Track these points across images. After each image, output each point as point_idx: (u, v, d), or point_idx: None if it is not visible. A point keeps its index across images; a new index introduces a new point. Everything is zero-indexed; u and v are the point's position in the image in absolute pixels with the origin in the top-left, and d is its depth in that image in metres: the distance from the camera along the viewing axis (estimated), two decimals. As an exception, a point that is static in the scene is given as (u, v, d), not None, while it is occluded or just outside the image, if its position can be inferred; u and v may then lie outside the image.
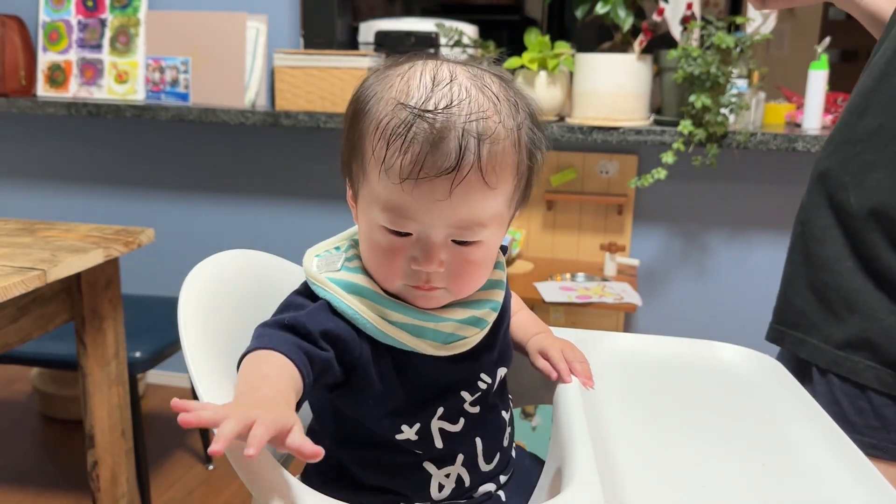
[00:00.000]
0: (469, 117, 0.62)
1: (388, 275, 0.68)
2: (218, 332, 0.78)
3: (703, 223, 2.09)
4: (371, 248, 0.68)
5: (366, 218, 0.68)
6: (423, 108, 0.62)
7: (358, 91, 0.68)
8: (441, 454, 0.74)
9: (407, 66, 0.66)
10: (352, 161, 0.68)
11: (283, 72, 2.04)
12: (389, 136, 0.62)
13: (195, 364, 0.70)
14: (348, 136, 0.68)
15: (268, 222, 2.34)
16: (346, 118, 0.69)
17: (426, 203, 0.63)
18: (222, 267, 0.86)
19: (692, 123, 1.79)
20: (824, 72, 1.85)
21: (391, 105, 0.63)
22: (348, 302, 0.68)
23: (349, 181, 0.71)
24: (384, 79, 0.66)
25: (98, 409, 1.38)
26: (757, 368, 0.95)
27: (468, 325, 0.72)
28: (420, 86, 0.63)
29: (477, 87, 0.64)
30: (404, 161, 0.61)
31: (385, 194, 0.64)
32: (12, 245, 1.24)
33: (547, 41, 1.95)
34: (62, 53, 2.28)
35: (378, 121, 0.63)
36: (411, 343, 0.69)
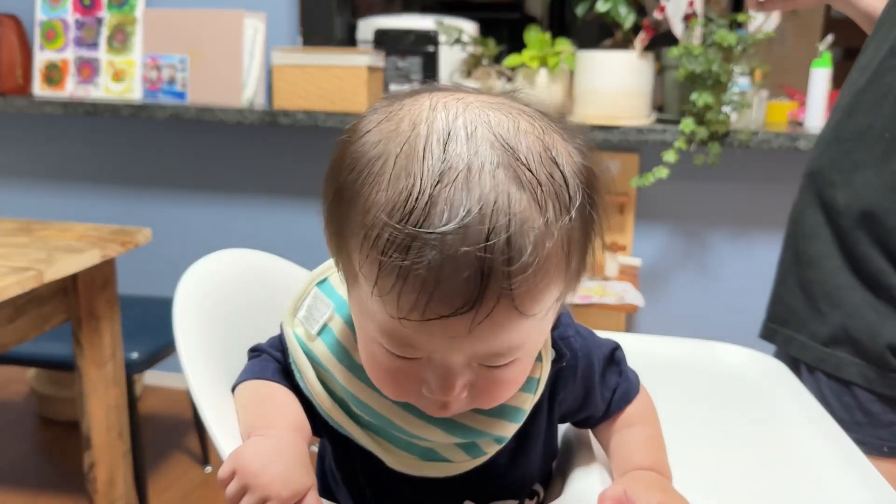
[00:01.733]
0: (494, 232, 0.42)
1: (396, 396, 0.52)
2: (214, 333, 0.77)
3: (705, 222, 2.08)
4: (368, 359, 0.51)
5: (358, 323, 0.52)
6: (426, 227, 0.42)
7: (349, 148, 0.49)
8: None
9: (408, 124, 0.46)
10: (335, 243, 0.52)
11: (282, 70, 2.03)
12: (382, 254, 0.43)
13: (191, 365, 0.69)
14: (331, 209, 0.51)
15: (265, 222, 2.33)
16: (330, 183, 0.52)
17: (437, 339, 0.46)
18: (219, 266, 0.85)
19: (694, 122, 1.78)
20: (827, 70, 1.84)
21: (386, 206, 0.44)
22: (310, 385, 0.57)
23: (333, 253, 0.54)
24: (382, 140, 0.47)
25: (95, 411, 1.36)
26: (759, 369, 0.94)
27: (459, 448, 0.57)
28: (424, 169, 0.43)
29: (506, 164, 0.44)
30: (403, 294, 0.43)
31: (381, 318, 0.46)
32: (8, 245, 1.23)
33: (547, 39, 1.93)
34: (59, 52, 2.27)
35: (370, 224, 0.45)
36: (374, 449, 0.56)
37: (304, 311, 0.60)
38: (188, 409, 2.29)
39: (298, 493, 0.51)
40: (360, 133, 0.49)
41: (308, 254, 2.55)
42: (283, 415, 0.57)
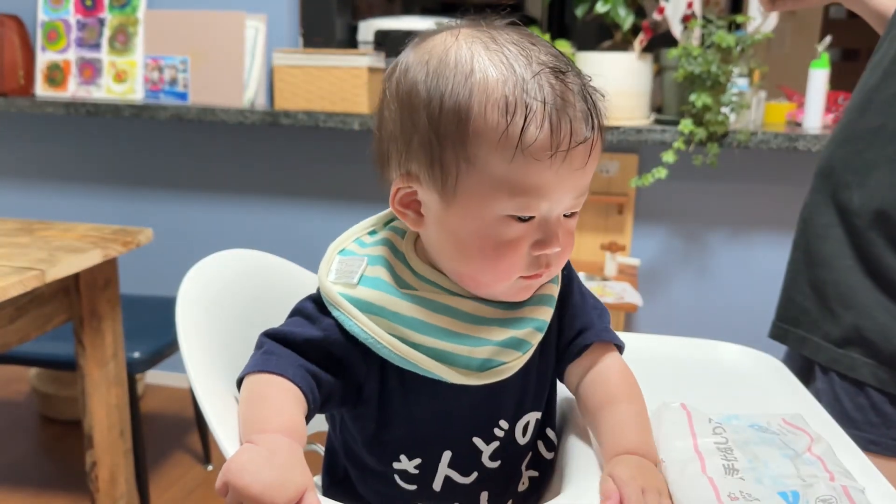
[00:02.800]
0: (575, 74, 0.58)
1: (506, 272, 0.60)
2: (216, 332, 0.77)
3: (703, 222, 2.09)
4: (482, 246, 0.59)
5: (472, 214, 0.59)
6: (544, 72, 0.56)
7: (411, 74, 0.59)
8: (437, 497, 0.67)
9: (456, 39, 0.59)
10: (434, 153, 0.58)
11: (282, 71, 2.03)
12: (525, 112, 0.55)
13: (193, 364, 0.70)
14: (420, 127, 0.58)
15: (267, 222, 2.33)
16: (406, 108, 0.59)
17: (566, 175, 0.57)
18: (221, 267, 0.85)
19: (693, 122, 1.78)
20: (825, 70, 1.84)
21: (500, 79, 0.56)
22: (363, 325, 0.62)
23: (414, 178, 0.61)
24: (456, 48, 0.58)
25: (97, 410, 1.37)
26: (758, 368, 0.94)
27: (508, 347, 0.63)
28: (506, 52, 0.57)
29: (543, 44, 0.60)
30: (549, 136, 0.55)
31: (518, 176, 0.56)
32: (10, 245, 1.24)
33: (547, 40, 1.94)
34: (61, 53, 2.28)
35: (495, 98, 0.55)
36: (435, 369, 0.61)
37: (334, 275, 0.65)
38: (189, 408, 2.30)
39: (294, 497, 0.51)
40: (419, 70, 0.59)
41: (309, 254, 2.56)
42: (276, 417, 0.57)
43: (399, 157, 0.61)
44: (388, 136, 0.62)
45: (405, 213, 0.63)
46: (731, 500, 0.58)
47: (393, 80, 0.62)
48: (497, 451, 0.67)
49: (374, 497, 0.70)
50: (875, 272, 0.95)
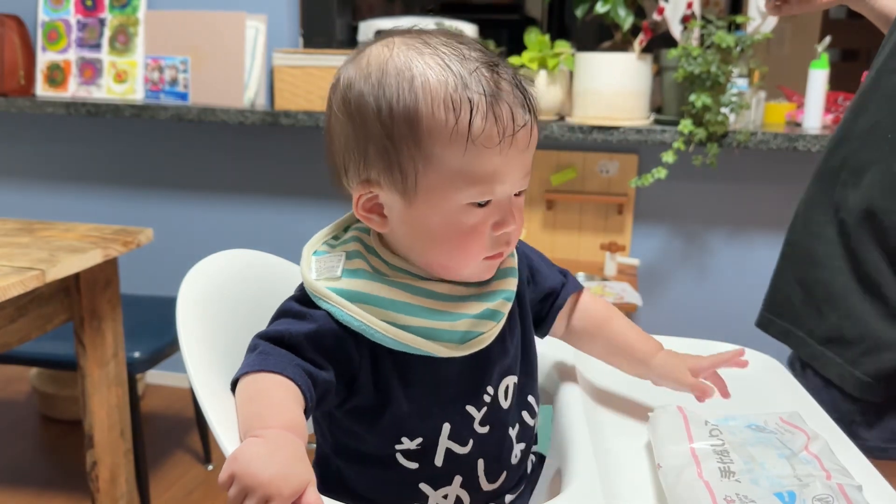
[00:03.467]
0: (505, 66, 0.64)
1: (473, 255, 0.66)
2: (217, 332, 0.77)
3: (703, 223, 2.09)
4: (449, 235, 0.64)
5: (435, 207, 0.63)
6: (479, 68, 0.62)
7: (356, 88, 0.63)
8: (438, 473, 0.70)
9: (391, 49, 0.64)
10: (391, 158, 0.63)
11: (283, 71, 2.04)
12: (470, 106, 0.60)
13: (194, 364, 0.70)
14: (374, 136, 0.63)
15: (267, 222, 2.34)
16: (356, 120, 0.64)
17: (513, 157, 0.63)
18: (221, 267, 0.85)
19: (692, 123, 1.78)
20: (825, 71, 1.85)
21: (441, 79, 0.61)
22: (354, 314, 0.65)
23: (374, 184, 0.65)
24: (391, 57, 0.63)
25: (97, 410, 1.37)
26: (757, 368, 0.94)
27: (484, 319, 0.69)
28: (440, 54, 0.62)
29: (470, 42, 0.66)
30: (494, 124, 0.61)
31: (472, 166, 0.62)
32: (11, 245, 1.24)
33: (547, 40, 1.94)
34: (61, 53, 2.28)
35: (440, 97, 0.60)
36: (425, 346, 0.66)
37: (315, 273, 0.68)
38: (190, 408, 2.30)
39: (298, 489, 0.52)
40: (359, 78, 0.64)
41: (309, 254, 2.51)
42: (279, 413, 0.58)
43: (357, 166, 0.65)
44: (342, 149, 0.67)
45: (370, 217, 0.67)
46: (727, 503, 0.59)
47: (338, 94, 0.66)
48: (485, 416, 0.71)
49: (373, 488, 0.71)
50: (860, 272, 0.96)
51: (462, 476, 0.71)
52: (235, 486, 0.52)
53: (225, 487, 0.53)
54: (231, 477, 0.52)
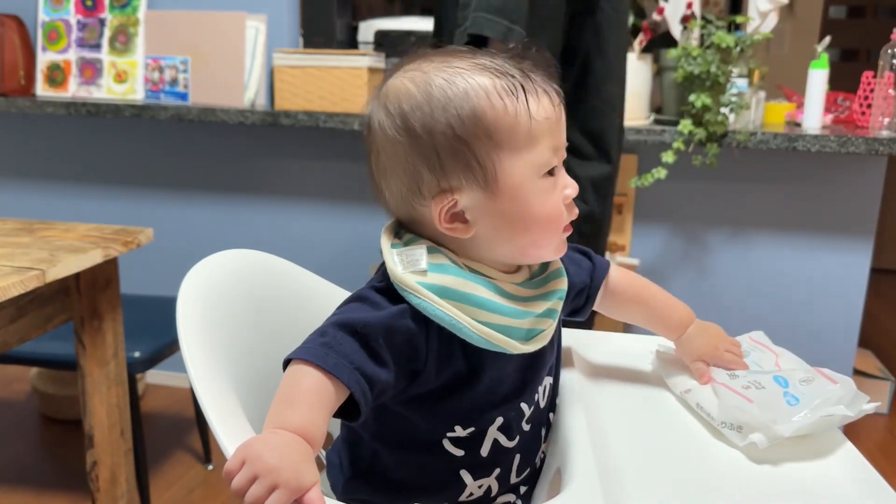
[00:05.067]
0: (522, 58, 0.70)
1: (555, 227, 0.71)
2: (217, 332, 0.78)
3: (703, 223, 2.09)
4: (535, 212, 0.69)
5: (518, 189, 0.68)
6: (507, 61, 0.69)
7: (414, 113, 0.67)
8: (481, 463, 0.73)
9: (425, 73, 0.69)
10: (467, 156, 0.67)
11: (283, 71, 2.04)
12: (518, 88, 0.67)
13: (194, 364, 0.70)
14: (445, 145, 0.67)
15: (267, 222, 2.34)
16: (422, 141, 0.67)
17: (557, 128, 0.70)
18: (221, 267, 0.86)
19: (692, 123, 1.78)
20: (824, 71, 1.85)
21: (479, 76, 0.67)
22: (445, 309, 0.66)
23: (454, 190, 0.68)
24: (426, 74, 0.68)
25: (97, 409, 1.37)
26: (757, 368, 0.94)
27: (544, 317, 0.73)
28: (466, 60, 0.69)
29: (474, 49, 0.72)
30: (545, 97, 0.68)
31: (538, 136, 0.68)
32: (11, 245, 1.24)
33: (547, 40, 1.94)
34: (61, 53, 2.28)
35: (490, 90, 0.67)
36: (502, 343, 0.69)
37: (401, 266, 0.69)
38: (190, 408, 2.30)
39: (305, 486, 0.54)
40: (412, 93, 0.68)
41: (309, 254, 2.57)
42: (302, 417, 0.59)
43: (432, 180, 0.68)
44: (409, 172, 0.69)
45: (453, 227, 0.69)
46: (745, 388, 0.78)
47: (389, 128, 0.69)
48: (531, 414, 0.75)
49: (413, 474, 0.73)
50: None
51: (501, 469, 0.74)
52: (245, 469, 0.53)
53: (233, 474, 0.54)
54: (241, 462, 0.54)
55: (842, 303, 2.04)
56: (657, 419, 0.81)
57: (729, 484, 0.69)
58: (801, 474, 0.71)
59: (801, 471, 0.71)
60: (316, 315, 0.95)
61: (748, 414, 0.74)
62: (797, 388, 0.78)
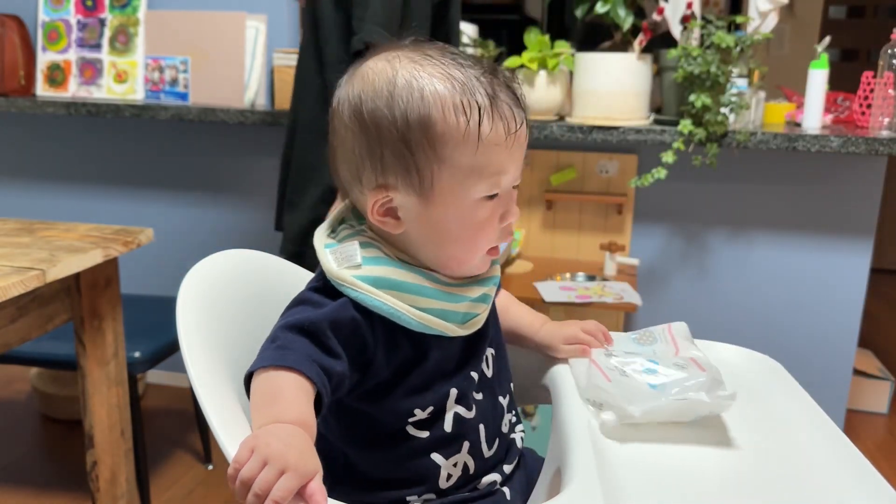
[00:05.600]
0: (497, 69, 0.71)
1: (480, 247, 0.72)
2: (216, 332, 0.78)
3: (702, 223, 2.09)
4: (463, 229, 0.71)
5: (451, 204, 0.69)
6: (484, 74, 0.69)
7: (369, 104, 0.68)
8: (448, 439, 0.74)
9: (393, 64, 0.69)
10: (408, 161, 0.68)
11: (283, 71, 2.04)
12: (478, 109, 0.67)
13: (194, 364, 0.70)
14: (390, 143, 0.68)
15: (267, 222, 2.34)
16: (371, 131, 0.68)
17: (516, 152, 0.70)
18: (221, 267, 0.86)
19: (692, 123, 1.78)
20: (824, 71, 1.85)
21: (443, 87, 0.67)
22: (383, 299, 0.69)
23: (390, 188, 0.69)
24: (394, 71, 0.68)
25: (97, 409, 1.37)
26: (756, 368, 0.95)
27: (479, 302, 0.76)
28: (440, 65, 0.69)
29: (458, 52, 0.72)
30: (500, 123, 0.68)
31: (483, 163, 0.68)
32: (11, 245, 1.24)
33: (547, 40, 1.94)
34: (61, 53, 2.28)
35: (448, 104, 0.67)
36: (440, 327, 0.71)
37: (335, 263, 0.71)
38: (190, 408, 2.30)
39: (311, 472, 0.56)
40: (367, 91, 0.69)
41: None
42: (292, 411, 0.61)
43: (372, 173, 0.70)
44: (355, 159, 0.70)
45: (384, 220, 0.71)
46: (610, 370, 0.81)
47: (347, 110, 0.70)
48: (479, 383, 0.78)
49: (385, 469, 0.74)
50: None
51: (469, 442, 0.76)
52: (255, 457, 0.55)
53: (244, 462, 0.55)
54: (250, 451, 0.55)
55: (842, 303, 2.04)
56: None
57: (729, 484, 0.69)
58: (801, 474, 0.71)
59: (802, 471, 0.71)
60: (316, 315, 0.95)
61: (606, 393, 0.78)
62: (664, 373, 0.81)
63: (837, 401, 2.09)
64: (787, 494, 0.68)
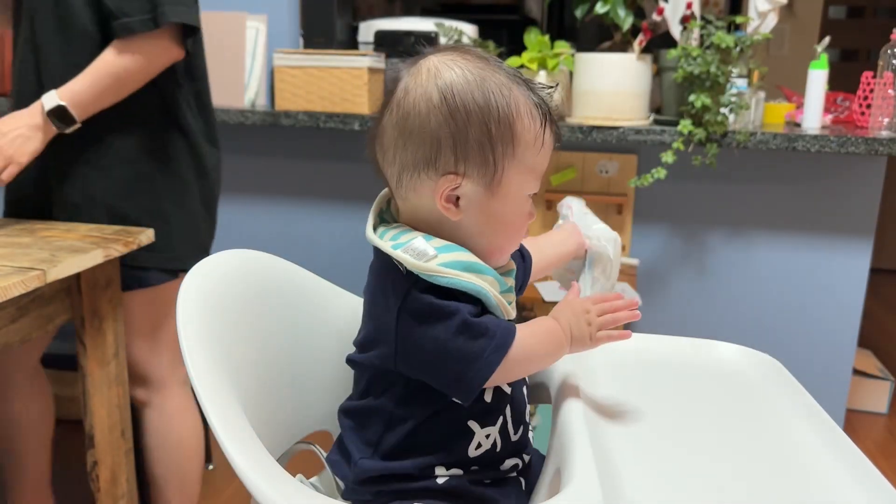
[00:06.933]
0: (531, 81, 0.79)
1: (520, 237, 0.81)
2: (217, 332, 0.78)
3: (702, 223, 2.09)
4: (514, 221, 0.78)
5: (511, 197, 0.76)
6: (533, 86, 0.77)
7: (460, 92, 0.73)
8: (486, 410, 0.78)
9: (467, 63, 0.75)
10: (487, 154, 0.74)
11: (283, 71, 2.04)
12: (543, 116, 0.76)
13: (194, 363, 0.70)
14: (475, 133, 0.73)
15: (267, 222, 2.34)
16: (462, 117, 0.73)
17: (548, 156, 0.79)
18: (221, 267, 0.86)
19: (692, 123, 1.79)
20: (824, 71, 1.85)
21: (518, 91, 0.75)
22: (471, 280, 0.73)
23: (462, 175, 0.74)
24: (477, 70, 0.75)
25: (98, 409, 1.38)
26: (757, 368, 0.95)
27: (511, 291, 0.81)
28: (505, 71, 0.76)
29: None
30: (553, 130, 0.77)
31: (540, 163, 0.77)
32: (12, 245, 1.24)
33: (546, 41, 1.95)
34: (62, 53, 2.28)
35: (526, 107, 0.75)
36: (505, 310, 0.77)
37: (412, 260, 0.73)
38: (190, 409, 2.30)
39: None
40: (460, 78, 0.74)
41: (309, 254, 2.56)
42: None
43: (451, 157, 0.74)
44: (433, 142, 0.74)
45: (448, 207, 0.75)
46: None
47: (433, 95, 0.74)
48: None
49: (425, 428, 0.77)
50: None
51: (503, 417, 0.80)
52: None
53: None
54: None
55: (841, 303, 2.04)
56: (657, 418, 0.81)
57: (729, 483, 0.69)
58: (801, 473, 0.71)
59: (802, 470, 0.72)
60: (315, 315, 0.96)
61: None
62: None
63: (837, 400, 2.09)
64: (787, 494, 0.68)
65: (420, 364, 0.74)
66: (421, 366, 0.75)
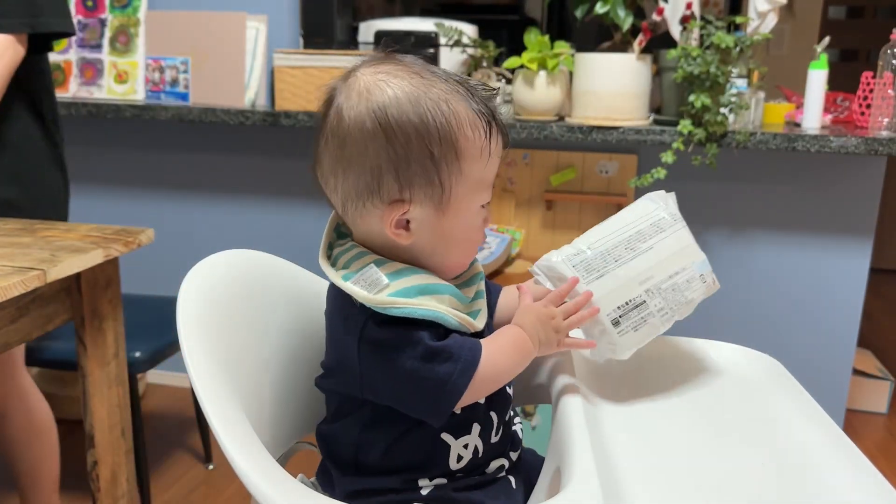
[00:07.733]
0: (476, 84, 0.75)
1: (474, 249, 0.79)
2: (217, 332, 0.78)
3: (702, 223, 2.09)
4: (468, 235, 0.76)
5: (463, 213, 0.74)
6: (473, 89, 0.73)
7: (394, 113, 0.69)
8: (458, 421, 0.76)
9: (398, 78, 0.72)
10: (431, 175, 0.71)
11: (283, 72, 2.04)
12: (487, 124, 0.72)
13: (194, 364, 0.70)
14: (415, 156, 0.70)
15: (267, 222, 2.34)
16: (401, 140, 0.69)
17: (498, 163, 0.76)
18: (221, 267, 0.86)
19: (692, 123, 1.79)
20: (824, 71, 1.85)
21: (458, 102, 0.71)
22: (426, 305, 0.71)
23: (408, 202, 0.71)
24: (411, 87, 0.70)
25: (98, 409, 1.37)
26: (757, 368, 0.95)
27: (477, 299, 0.81)
28: (444, 80, 0.72)
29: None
30: (501, 137, 0.74)
31: (489, 173, 0.74)
32: (12, 245, 1.24)
33: (546, 41, 1.95)
34: (62, 53, 2.28)
35: (468, 119, 0.71)
36: (468, 324, 0.75)
37: (364, 293, 0.71)
38: (191, 408, 2.30)
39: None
40: (391, 98, 0.70)
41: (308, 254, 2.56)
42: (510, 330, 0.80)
43: (395, 185, 0.71)
44: (374, 171, 0.71)
45: (398, 233, 0.73)
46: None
47: (366, 122, 0.70)
48: None
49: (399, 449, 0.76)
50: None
51: (479, 425, 0.78)
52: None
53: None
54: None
55: (841, 303, 2.04)
56: (657, 418, 0.81)
57: (729, 483, 0.69)
58: (801, 474, 0.71)
59: (801, 470, 0.72)
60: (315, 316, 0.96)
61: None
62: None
63: (837, 401, 2.09)
64: (787, 494, 0.68)
65: (387, 392, 0.73)
66: (388, 394, 0.73)
